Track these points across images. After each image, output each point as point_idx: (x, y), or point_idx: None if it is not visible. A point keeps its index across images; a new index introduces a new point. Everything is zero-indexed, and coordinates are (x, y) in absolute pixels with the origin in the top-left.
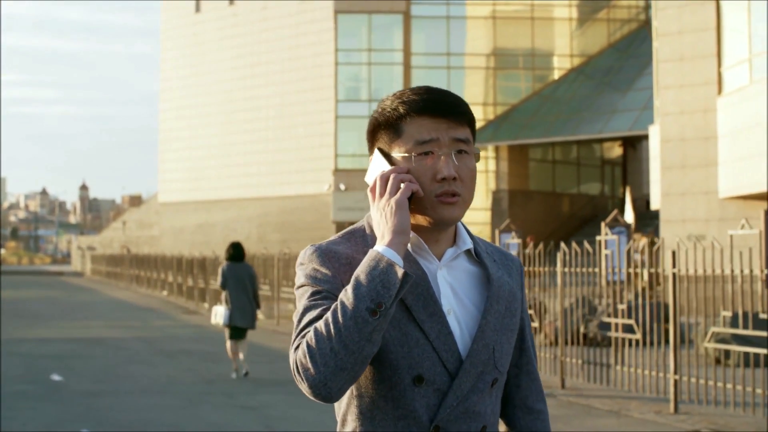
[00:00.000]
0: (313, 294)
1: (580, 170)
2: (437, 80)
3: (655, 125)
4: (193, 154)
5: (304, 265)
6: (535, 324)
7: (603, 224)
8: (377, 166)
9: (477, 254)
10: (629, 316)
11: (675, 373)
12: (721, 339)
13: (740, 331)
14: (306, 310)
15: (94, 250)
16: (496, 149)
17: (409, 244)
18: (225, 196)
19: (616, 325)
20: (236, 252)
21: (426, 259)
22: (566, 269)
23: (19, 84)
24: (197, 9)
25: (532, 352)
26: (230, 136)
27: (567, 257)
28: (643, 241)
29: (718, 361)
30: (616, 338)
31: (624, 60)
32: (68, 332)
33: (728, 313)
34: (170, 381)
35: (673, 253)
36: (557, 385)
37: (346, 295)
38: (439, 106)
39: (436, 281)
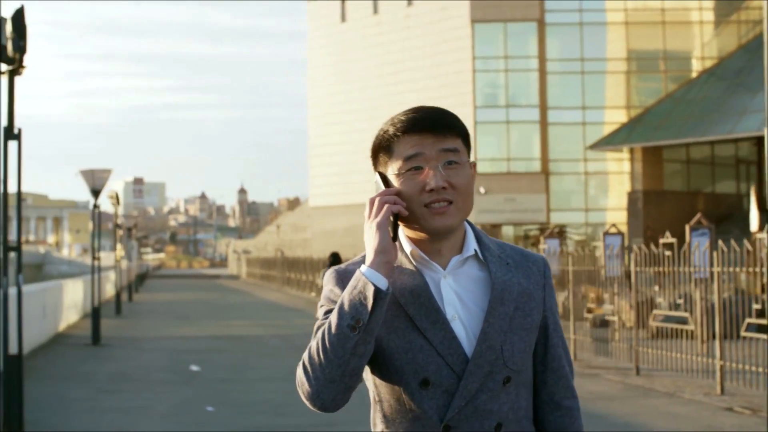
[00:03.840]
0: (325, 313)
1: (715, 170)
2: (572, 85)
3: None
4: (341, 159)
5: (324, 287)
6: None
7: (687, 227)
8: (377, 188)
9: (484, 258)
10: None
11: (720, 359)
12: None
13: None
14: (317, 328)
15: (249, 253)
16: (631, 151)
17: (412, 258)
18: None
19: (673, 318)
20: (334, 260)
21: (430, 269)
22: (638, 269)
23: (175, 90)
24: (343, 18)
25: (561, 350)
26: None
27: (637, 258)
28: None
29: None
30: (674, 329)
31: (755, 61)
32: (212, 330)
33: (758, 306)
34: (293, 371)
35: (709, 254)
36: (633, 371)
37: (333, 314)
38: (423, 122)
39: (439, 290)
